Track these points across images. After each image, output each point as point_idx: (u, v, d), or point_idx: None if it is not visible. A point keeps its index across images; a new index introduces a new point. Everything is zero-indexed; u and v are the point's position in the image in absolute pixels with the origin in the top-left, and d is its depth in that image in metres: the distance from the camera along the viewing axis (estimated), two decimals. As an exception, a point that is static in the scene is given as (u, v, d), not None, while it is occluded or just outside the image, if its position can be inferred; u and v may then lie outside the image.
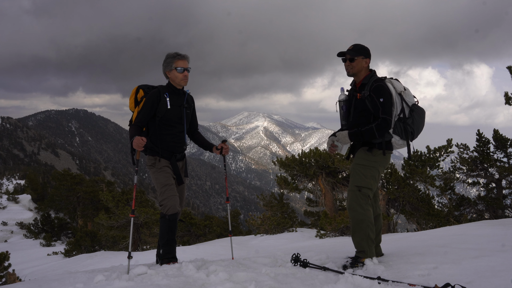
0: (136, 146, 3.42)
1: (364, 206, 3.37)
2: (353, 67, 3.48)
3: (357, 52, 3.46)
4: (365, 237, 3.35)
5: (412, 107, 3.43)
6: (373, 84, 3.38)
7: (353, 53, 3.45)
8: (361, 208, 3.36)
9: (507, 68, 10.32)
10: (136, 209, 14.57)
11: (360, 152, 3.51)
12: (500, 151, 12.09)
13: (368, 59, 3.51)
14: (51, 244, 21.85)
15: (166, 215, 3.55)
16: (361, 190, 3.38)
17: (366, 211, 3.37)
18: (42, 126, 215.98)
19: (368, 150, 3.43)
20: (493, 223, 5.81)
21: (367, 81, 3.46)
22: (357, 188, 3.39)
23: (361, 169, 3.42)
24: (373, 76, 3.47)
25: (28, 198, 41.26)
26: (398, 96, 3.39)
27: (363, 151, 3.48)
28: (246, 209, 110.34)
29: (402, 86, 3.45)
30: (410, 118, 3.40)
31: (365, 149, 3.46)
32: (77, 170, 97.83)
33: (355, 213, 3.37)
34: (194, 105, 3.94)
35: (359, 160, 3.48)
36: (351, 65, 3.49)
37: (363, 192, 3.38)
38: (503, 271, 2.80)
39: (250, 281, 2.91)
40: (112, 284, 2.98)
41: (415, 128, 3.42)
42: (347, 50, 3.50)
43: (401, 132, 3.39)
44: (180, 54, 3.66)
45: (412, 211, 11.49)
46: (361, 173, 3.41)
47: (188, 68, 3.67)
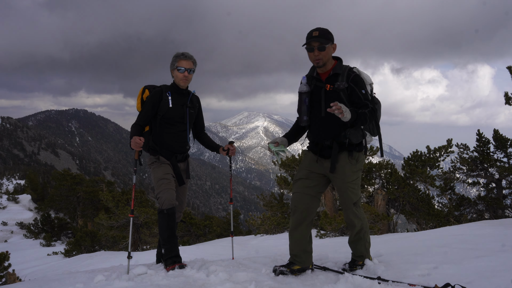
0: (134, 145, 3.42)
1: (361, 216, 3.20)
2: (324, 57, 2.98)
3: (328, 39, 2.97)
4: (364, 243, 3.26)
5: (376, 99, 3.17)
6: (350, 74, 2.99)
7: (324, 40, 2.94)
8: (359, 219, 3.19)
9: (507, 68, 10.32)
10: (135, 209, 14.58)
11: (344, 164, 3.06)
12: (500, 151, 12.09)
13: (335, 44, 3.07)
14: (51, 244, 21.85)
15: (163, 210, 3.46)
16: (356, 204, 3.17)
17: (363, 219, 3.23)
18: (42, 126, 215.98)
19: (350, 155, 3.05)
20: (493, 223, 5.81)
21: (340, 71, 3.01)
22: (353, 205, 3.16)
23: (352, 186, 3.12)
24: (345, 65, 3.08)
25: (28, 198, 41.27)
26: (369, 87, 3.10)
27: (346, 161, 3.06)
28: (246, 209, 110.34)
29: (370, 78, 3.10)
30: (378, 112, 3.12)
31: (346, 156, 3.05)
32: (77, 170, 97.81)
33: (356, 227, 3.19)
34: (199, 105, 3.88)
35: (349, 177, 3.09)
36: (321, 54, 2.97)
37: (358, 204, 3.20)
38: (503, 271, 2.80)
39: (250, 281, 2.91)
40: (112, 284, 2.98)
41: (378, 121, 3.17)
42: (314, 37, 2.95)
43: (372, 128, 3.12)
44: (184, 54, 3.62)
45: (412, 211, 11.49)
46: (354, 189, 3.14)
47: (191, 69, 3.62)
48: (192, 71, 3.66)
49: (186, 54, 3.64)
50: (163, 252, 3.56)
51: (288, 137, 3.33)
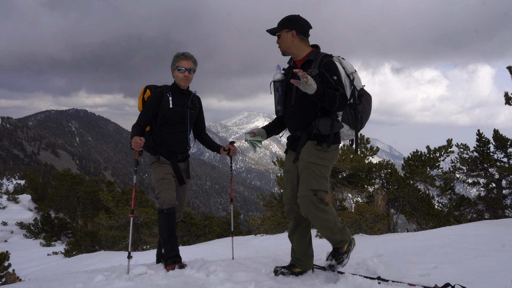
0: (135, 145, 3.42)
1: (324, 208, 2.80)
2: (281, 44, 2.94)
3: (280, 26, 2.90)
4: (335, 230, 2.85)
5: (361, 91, 2.93)
6: (322, 60, 2.84)
7: (276, 28, 2.92)
8: (322, 212, 2.79)
9: (507, 68, 10.33)
10: (136, 209, 14.58)
11: (309, 147, 2.88)
12: (500, 151, 12.10)
13: (294, 31, 2.89)
14: (51, 244, 21.87)
15: (163, 210, 3.47)
16: (316, 194, 2.80)
17: (328, 210, 2.81)
18: (42, 126, 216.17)
19: (318, 145, 2.86)
20: (493, 223, 5.82)
21: (313, 57, 2.89)
22: (312, 192, 2.79)
23: (314, 169, 2.82)
24: (320, 53, 2.92)
25: (28, 198, 41.31)
26: (347, 78, 2.88)
27: (312, 146, 2.87)
28: (246, 209, 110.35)
29: (353, 66, 2.92)
30: (360, 104, 2.90)
31: (313, 144, 2.87)
32: (77, 170, 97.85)
33: (318, 219, 2.80)
34: (200, 106, 3.89)
35: (312, 158, 2.85)
36: (278, 42, 2.95)
37: (319, 196, 2.81)
38: (503, 271, 2.80)
39: (250, 281, 2.91)
40: (112, 284, 2.98)
41: (363, 115, 2.93)
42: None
43: (352, 120, 2.88)
44: (185, 54, 3.62)
45: (412, 211, 11.49)
46: (315, 173, 2.81)
47: (191, 69, 3.62)
48: (193, 71, 3.66)
49: (186, 54, 3.64)
50: (163, 252, 3.55)
51: (267, 128, 3.22)
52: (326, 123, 2.83)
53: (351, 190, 12.22)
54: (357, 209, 10.18)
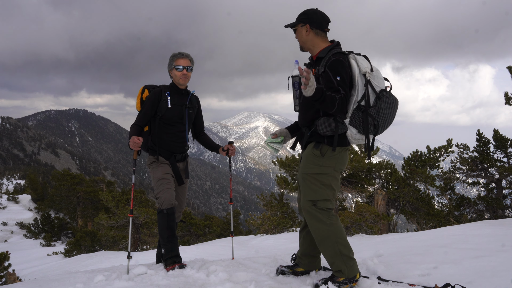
0: (133, 145, 3.42)
1: (326, 221, 2.71)
2: (299, 39, 2.86)
3: (297, 20, 2.82)
4: (336, 254, 2.71)
5: (380, 93, 2.64)
6: (330, 58, 2.67)
7: (293, 23, 2.84)
8: (322, 223, 2.71)
9: (507, 68, 10.33)
10: (135, 209, 14.57)
11: (307, 154, 2.80)
12: (500, 151, 12.10)
13: (307, 25, 2.78)
14: (51, 244, 21.88)
15: (163, 210, 3.47)
16: (316, 204, 2.74)
17: (330, 225, 2.71)
18: (42, 126, 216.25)
19: (316, 147, 2.74)
20: (493, 223, 5.81)
21: (324, 55, 2.75)
22: (311, 203, 2.75)
23: (311, 179, 2.75)
24: (333, 49, 2.74)
25: (28, 198, 41.32)
26: (362, 78, 2.64)
27: (310, 152, 2.78)
28: (246, 209, 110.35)
29: (369, 65, 2.67)
30: (374, 108, 2.61)
31: (312, 147, 2.77)
32: (77, 170, 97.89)
33: (317, 231, 2.73)
34: (199, 105, 3.89)
35: (308, 168, 2.77)
36: (296, 37, 2.89)
37: (320, 206, 2.73)
38: (503, 271, 2.80)
39: (250, 281, 2.91)
40: (112, 284, 2.98)
41: (380, 120, 2.62)
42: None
43: (359, 123, 2.62)
44: (181, 53, 3.64)
45: (412, 211, 11.49)
46: (312, 183, 2.75)
47: (189, 67, 3.63)
48: (190, 69, 3.67)
49: (183, 53, 3.66)
50: (163, 252, 3.55)
51: (290, 128, 3.09)
52: (326, 123, 2.70)
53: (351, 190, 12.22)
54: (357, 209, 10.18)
